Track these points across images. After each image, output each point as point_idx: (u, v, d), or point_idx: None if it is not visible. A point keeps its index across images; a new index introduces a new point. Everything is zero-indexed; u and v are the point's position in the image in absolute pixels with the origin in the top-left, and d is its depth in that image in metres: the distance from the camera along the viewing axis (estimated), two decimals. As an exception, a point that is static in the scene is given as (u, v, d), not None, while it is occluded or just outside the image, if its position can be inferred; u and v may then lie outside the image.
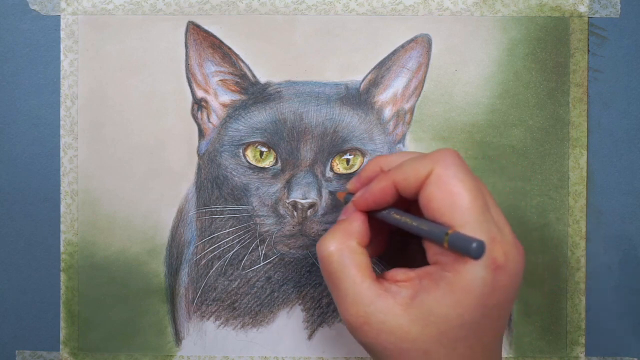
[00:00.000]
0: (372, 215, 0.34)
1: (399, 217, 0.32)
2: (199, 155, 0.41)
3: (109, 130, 0.41)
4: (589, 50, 0.41)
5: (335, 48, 0.41)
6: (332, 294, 0.33)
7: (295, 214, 0.40)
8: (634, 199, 0.41)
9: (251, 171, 0.40)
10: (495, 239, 0.30)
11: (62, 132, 0.42)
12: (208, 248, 0.41)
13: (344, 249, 0.32)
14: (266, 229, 0.40)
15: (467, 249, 0.28)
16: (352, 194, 0.35)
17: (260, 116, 0.41)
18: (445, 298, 0.29)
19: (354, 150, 0.40)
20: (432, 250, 0.31)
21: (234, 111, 0.41)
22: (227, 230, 0.41)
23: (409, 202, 0.33)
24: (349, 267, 0.32)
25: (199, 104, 0.41)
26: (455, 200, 0.30)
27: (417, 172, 0.31)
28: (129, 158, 0.41)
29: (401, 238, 0.36)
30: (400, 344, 0.30)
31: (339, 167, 0.40)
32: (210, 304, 0.42)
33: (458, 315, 0.29)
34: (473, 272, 0.29)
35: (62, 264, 0.42)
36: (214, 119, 0.41)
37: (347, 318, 0.32)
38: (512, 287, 0.30)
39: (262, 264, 0.41)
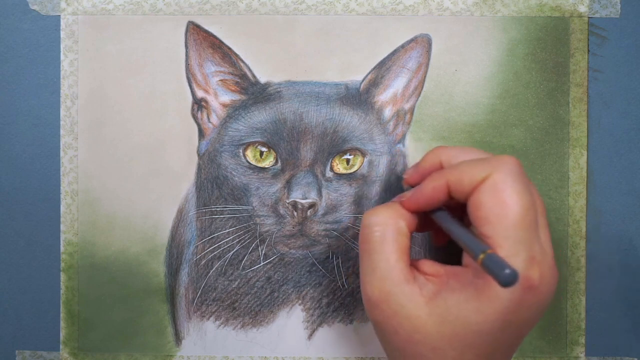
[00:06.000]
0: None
1: (445, 223, 0.32)
2: (199, 155, 0.41)
3: (109, 130, 0.41)
4: (589, 50, 0.41)
5: (335, 48, 0.41)
6: (361, 263, 0.32)
7: (295, 214, 0.40)
8: (634, 199, 0.41)
9: (251, 171, 0.40)
10: (535, 258, 0.29)
11: (62, 132, 0.41)
12: (208, 248, 0.41)
13: (390, 225, 0.32)
14: (266, 229, 0.40)
15: (497, 273, 0.27)
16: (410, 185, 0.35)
17: (260, 116, 0.41)
18: (469, 303, 0.29)
19: (354, 150, 0.40)
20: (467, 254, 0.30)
21: (234, 111, 0.41)
22: (227, 230, 0.41)
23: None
24: (389, 244, 0.31)
25: (199, 104, 0.41)
26: (505, 211, 0.29)
27: (473, 174, 0.30)
28: (129, 158, 0.41)
29: None
30: (412, 333, 0.30)
31: (339, 167, 0.40)
32: (210, 304, 0.42)
33: (477, 322, 0.29)
34: None
35: (62, 264, 0.42)
36: (214, 119, 0.41)
37: (368, 291, 0.31)
38: (538, 309, 0.30)
39: (262, 264, 0.41)
